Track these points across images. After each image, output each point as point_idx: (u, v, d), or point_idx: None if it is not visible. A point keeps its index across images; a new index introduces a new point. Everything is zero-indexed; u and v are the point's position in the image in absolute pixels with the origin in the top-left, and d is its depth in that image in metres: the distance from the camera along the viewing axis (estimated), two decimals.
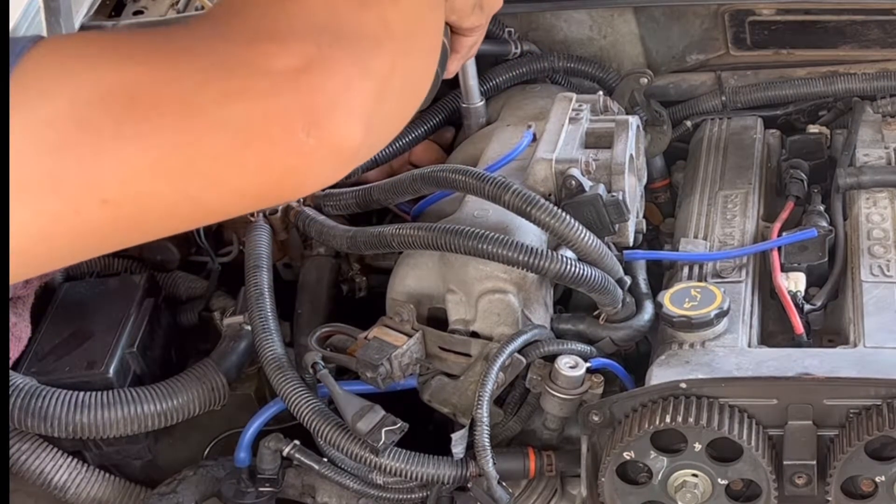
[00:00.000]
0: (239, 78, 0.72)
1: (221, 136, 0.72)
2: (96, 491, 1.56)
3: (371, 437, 1.36)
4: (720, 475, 1.32)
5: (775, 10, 1.91)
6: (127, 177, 0.70)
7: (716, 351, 1.39)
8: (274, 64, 0.73)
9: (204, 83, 0.71)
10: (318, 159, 0.75)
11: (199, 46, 0.73)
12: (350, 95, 0.76)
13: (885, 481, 1.29)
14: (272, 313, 1.54)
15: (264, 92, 0.72)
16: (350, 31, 0.78)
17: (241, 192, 0.76)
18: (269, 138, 0.73)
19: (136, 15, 2.04)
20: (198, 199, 0.75)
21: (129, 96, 0.70)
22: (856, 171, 1.67)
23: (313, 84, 0.73)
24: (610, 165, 1.53)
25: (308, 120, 0.73)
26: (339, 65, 0.75)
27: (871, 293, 1.45)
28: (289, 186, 0.77)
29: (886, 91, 1.86)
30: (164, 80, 0.71)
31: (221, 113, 0.71)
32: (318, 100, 0.74)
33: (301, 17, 0.77)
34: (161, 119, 0.70)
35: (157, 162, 0.70)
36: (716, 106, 1.95)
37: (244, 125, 0.72)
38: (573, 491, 1.49)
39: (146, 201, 0.72)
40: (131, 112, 0.69)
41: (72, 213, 0.70)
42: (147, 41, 0.74)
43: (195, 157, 0.72)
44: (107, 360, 1.54)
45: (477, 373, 1.44)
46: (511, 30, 1.97)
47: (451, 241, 1.41)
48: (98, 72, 0.70)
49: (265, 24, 0.75)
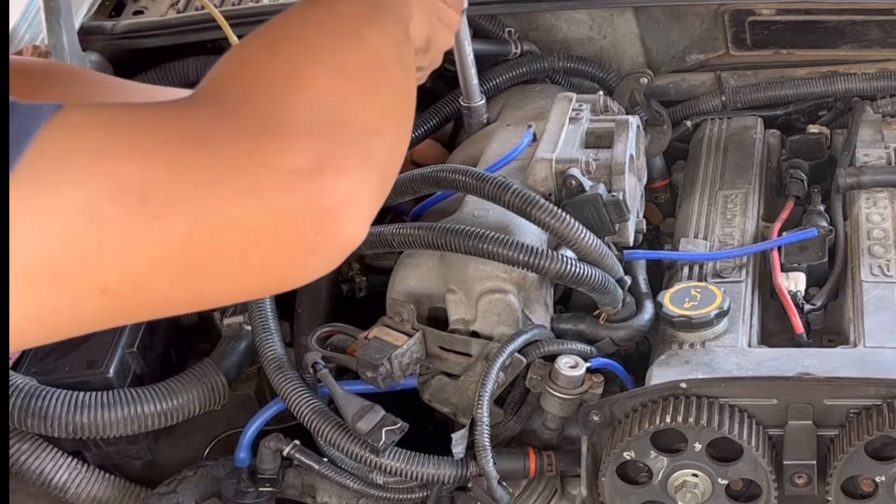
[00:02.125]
0: (250, 176, 0.70)
1: (228, 235, 0.70)
2: (96, 491, 1.56)
3: (371, 437, 1.36)
4: (720, 475, 1.32)
5: (775, 10, 1.91)
6: (130, 271, 0.69)
7: (716, 351, 1.39)
8: (286, 162, 0.71)
9: (216, 181, 0.70)
10: (322, 255, 0.75)
11: (211, 139, 0.71)
12: (359, 194, 0.75)
13: (885, 481, 1.28)
14: (272, 313, 1.54)
15: (275, 191, 0.71)
16: (356, 123, 0.77)
17: (242, 286, 0.75)
18: (277, 237, 0.72)
19: (136, 15, 2.04)
20: (198, 292, 0.74)
21: (141, 192, 0.68)
22: (856, 171, 1.67)
23: (325, 185, 0.72)
24: (610, 165, 1.53)
25: (317, 220, 0.72)
26: (348, 162, 0.74)
27: (871, 293, 1.45)
28: (289, 280, 0.76)
29: (886, 91, 1.86)
30: (176, 177, 0.69)
31: (231, 212, 0.70)
32: (329, 200, 0.72)
33: (310, 107, 0.75)
34: (171, 217, 0.69)
35: (162, 258, 0.69)
36: (716, 106, 1.95)
37: (253, 224, 0.71)
38: (573, 491, 1.49)
39: (147, 293, 0.71)
40: (141, 208, 0.68)
41: (70, 302, 0.69)
42: (161, 129, 0.72)
43: (201, 255, 0.71)
44: (107, 360, 1.54)
45: (477, 373, 1.44)
46: (511, 30, 1.97)
47: (451, 241, 1.41)
48: (112, 164, 0.68)
49: (275, 115, 0.74)
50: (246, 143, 0.72)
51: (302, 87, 0.76)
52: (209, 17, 1.84)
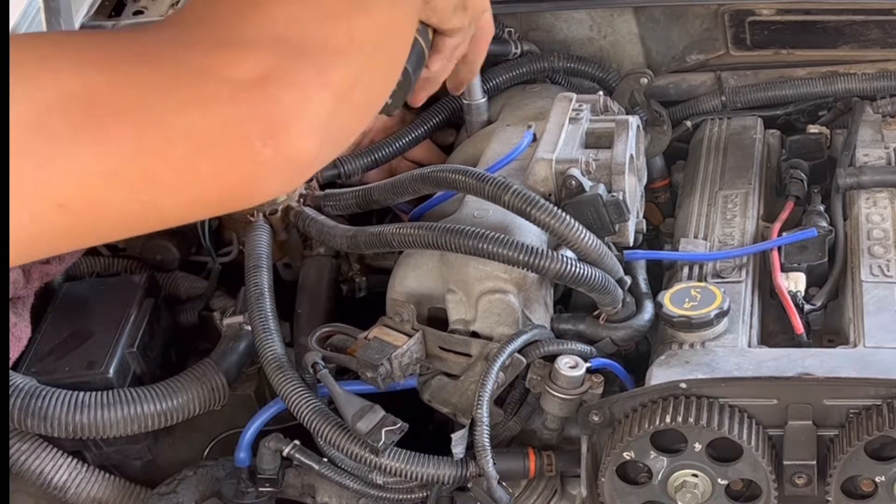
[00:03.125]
0: (198, 86, 0.72)
1: (178, 145, 0.71)
2: (96, 491, 1.56)
3: (371, 437, 1.36)
4: (720, 475, 1.32)
5: (775, 10, 1.91)
6: (83, 183, 0.70)
7: (716, 351, 1.39)
8: (233, 72, 0.72)
9: (163, 91, 0.71)
10: (273, 169, 0.75)
11: (160, 53, 0.73)
12: (308, 108, 0.76)
13: (885, 481, 1.28)
14: (272, 313, 1.54)
15: (222, 100, 0.72)
16: (314, 43, 0.78)
17: (196, 199, 0.76)
18: (225, 147, 0.73)
19: (136, 15, 2.04)
20: (153, 205, 0.74)
21: (88, 103, 0.69)
22: (856, 171, 1.67)
23: (271, 95, 0.73)
24: (610, 165, 1.53)
25: (264, 130, 0.73)
26: (298, 76, 0.75)
27: (871, 293, 1.45)
28: (244, 195, 0.77)
29: (886, 91, 1.86)
30: (123, 88, 0.70)
31: (179, 121, 0.71)
32: (276, 111, 0.73)
33: (264, 25, 0.76)
34: (119, 127, 0.70)
35: (113, 169, 0.70)
36: (716, 106, 1.95)
37: (201, 134, 0.72)
38: (573, 491, 1.49)
39: (102, 207, 0.72)
40: (89, 119, 0.69)
41: (28, 218, 0.69)
42: (109, 46, 0.73)
43: (152, 166, 0.71)
44: (107, 360, 1.54)
45: (477, 373, 1.44)
46: (511, 30, 1.97)
47: (451, 241, 1.41)
48: (58, 77, 0.69)
49: (227, 31, 0.75)
50: (195, 57, 0.73)
51: (258, 6, 0.77)
52: None
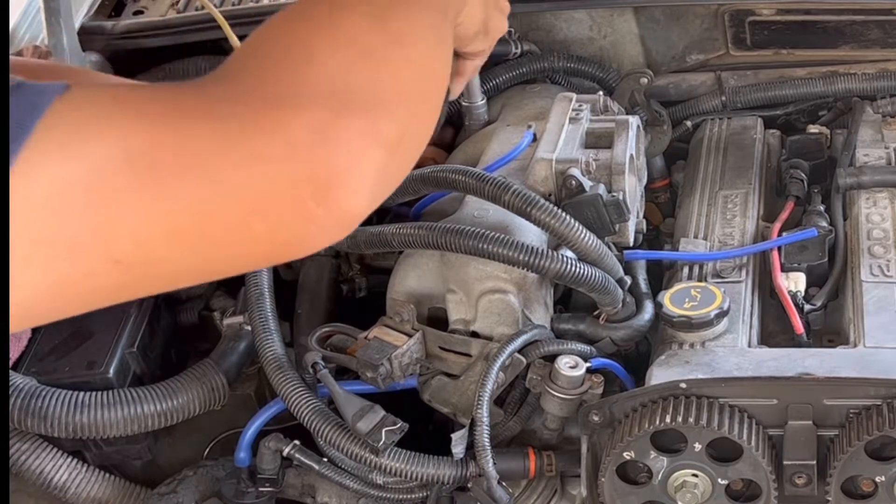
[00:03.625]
0: (255, 145, 0.72)
1: (235, 204, 0.72)
2: (96, 491, 1.56)
3: (371, 437, 1.36)
4: (720, 475, 1.32)
5: (775, 10, 1.91)
6: (141, 240, 0.70)
7: (716, 351, 1.39)
8: (288, 132, 0.73)
9: (221, 150, 0.71)
10: (324, 227, 0.76)
11: (217, 109, 0.73)
12: (361, 166, 0.76)
13: (885, 481, 1.28)
14: (272, 313, 1.54)
15: (278, 160, 0.72)
16: (363, 97, 0.78)
17: (247, 254, 0.77)
18: (280, 207, 0.73)
19: (136, 15, 2.04)
20: (205, 261, 0.75)
21: (149, 161, 0.69)
22: (856, 171, 1.67)
23: (327, 154, 0.73)
24: (610, 165, 1.53)
25: (318, 190, 0.74)
26: (352, 133, 0.75)
27: (871, 293, 1.45)
28: (293, 251, 0.78)
29: (886, 91, 1.86)
30: (184, 145, 0.71)
31: (237, 180, 0.71)
32: (330, 170, 0.74)
33: (316, 80, 0.76)
34: (180, 186, 0.70)
35: (172, 228, 0.71)
36: (716, 106, 1.95)
37: (257, 193, 0.72)
38: (573, 491, 1.49)
39: (157, 263, 0.72)
40: (152, 176, 0.69)
41: (83, 274, 0.70)
42: (169, 101, 0.73)
43: (208, 224, 0.72)
44: (107, 360, 1.54)
45: (477, 373, 1.44)
46: (511, 30, 1.96)
47: (451, 241, 1.41)
48: (122, 133, 0.69)
49: (279, 87, 0.75)
50: (250, 114, 0.73)
51: (310, 61, 0.78)
52: (209, 17, 1.84)
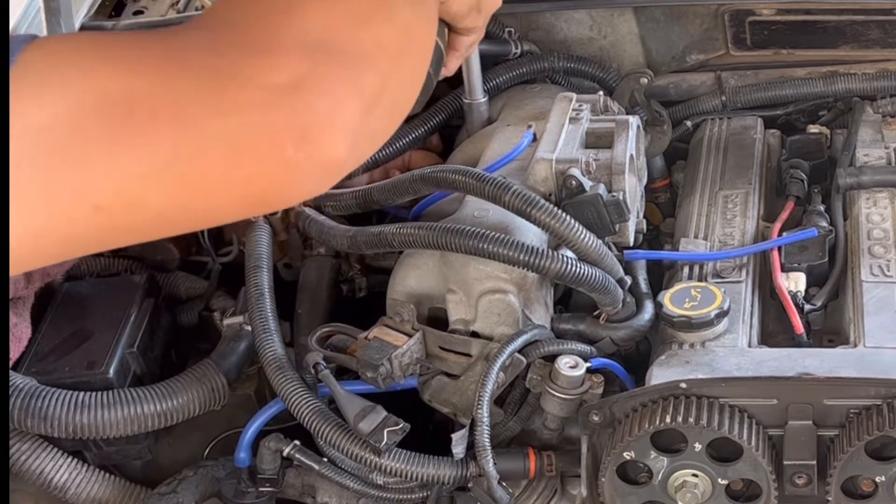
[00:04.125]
0: (233, 91, 0.72)
1: (213, 150, 0.72)
2: (96, 491, 1.56)
3: (373, 438, 1.36)
4: (720, 475, 1.32)
5: (775, 10, 1.91)
6: (120, 186, 0.70)
7: (716, 351, 1.39)
8: (267, 78, 0.73)
9: (199, 95, 0.71)
10: (305, 173, 0.76)
11: (195, 57, 0.74)
12: (339, 114, 0.76)
13: (885, 481, 1.29)
14: (272, 313, 1.54)
15: (256, 106, 0.73)
16: (344, 48, 0.78)
17: (228, 202, 0.77)
18: (258, 152, 0.73)
19: (136, 15, 2.04)
20: (188, 207, 0.75)
21: (126, 106, 0.69)
22: (856, 171, 1.67)
23: (304, 101, 0.74)
24: (610, 165, 1.53)
25: (297, 136, 0.74)
26: (330, 83, 0.76)
27: (872, 293, 1.45)
28: (274, 198, 0.78)
29: (886, 91, 1.86)
30: (160, 91, 0.71)
31: (215, 125, 0.72)
32: (308, 117, 0.74)
33: (296, 30, 0.77)
34: (156, 130, 0.70)
35: (150, 172, 0.71)
36: (716, 106, 1.95)
37: (235, 138, 0.72)
38: (573, 491, 1.49)
39: (138, 209, 0.73)
40: (127, 122, 0.69)
41: (64, 220, 0.70)
42: (144, 49, 0.74)
43: (187, 169, 0.72)
44: (107, 360, 1.54)
45: (477, 373, 1.44)
46: (511, 30, 1.97)
47: (451, 241, 1.41)
48: (95, 79, 0.70)
49: (260, 36, 0.76)
50: (229, 61, 0.73)
51: (290, 12, 0.78)
52: None
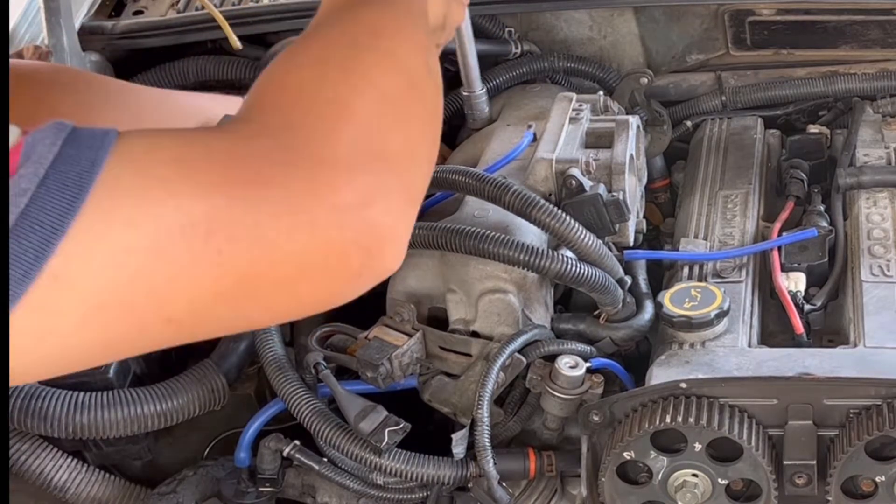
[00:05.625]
0: (305, 212, 0.73)
1: (284, 268, 0.74)
2: (96, 491, 1.56)
3: (374, 438, 1.36)
4: (720, 475, 1.32)
5: (775, 10, 1.91)
6: (194, 302, 0.72)
7: (716, 351, 1.39)
8: (338, 198, 0.74)
9: (274, 217, 0.72)
10: (364, 284, 0.79)
11: (268, 174, 0.74)
12: (401, 226, 0.79)
13: (885, 481, 1.29)
14: None
15: (329, 226, 0.74)
16: (397, 152, 0.80)
17: (285, 312, 0.80)
18: (327, 269, 0.75)
19: (136, 15, 2.04)
20: (251, 318, 0.78)
21: (206, 228, 0.70)
22: (856, 171, 1.67)
23: (372, 218, 0.76)
24: (610, 165, 1.53)
25: (363, 252, 0.76)
26: (392, 195, 0.77)
27: (872, 293, 1.45)
28: (327, 304, 0.80)
29: (886, 91, 1.86)
30: (238, 213, 0.72)
31: (288, 247, 0.73)
32: (376, 234, 0.76)
33: (357, 139, 0.78)
34: (233, 252, 0.71)
35: (223, 291, 0.72)
36: (716, 106, 1.95)
37: (307, 257, 0.74)
38: (573, 491, 1.49)
39: (206, 321, 0.75)
40: (207, 244, 0.70)
41: (137, 331, 0.72)
42: (221, 163, 0.74)
43: (258, 286, 0.74)
44: None
45: (477, 373, 1.44)
46: (511, 30, 1.97)
47: (451, 241, 1.41)
48: (179, 200, 0.70)
49: (325, 148, 0.76)
50: (300, 180, 0.74)
51: (349, 119, 0.79)
52: (209, 17, 1.84)
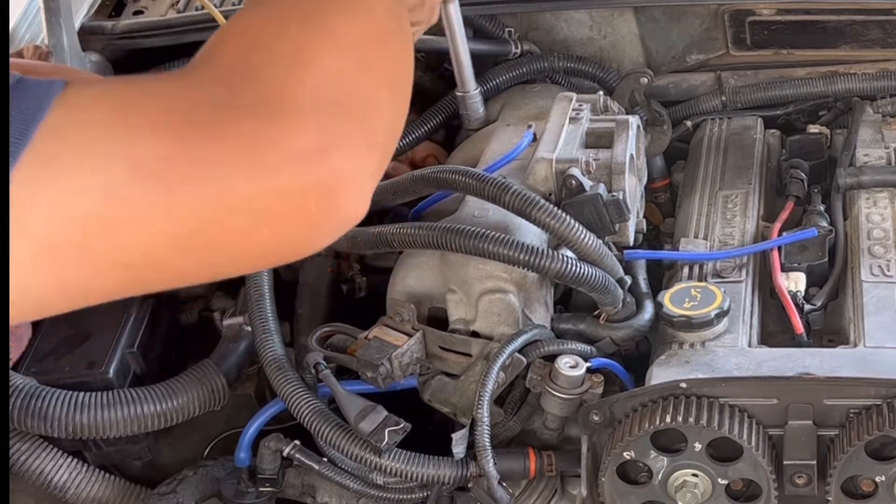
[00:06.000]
0: (260, 157, 0.73)
1: (241, 215, 0.73)
2: (96, 491, 1.56)
3: (374, 437, 1.36)
4: (720, 475, 1.32)
5: (775, 10, 1.91)
6: (150, 248, 0.71)
7: (716, 351, 1.39)
8: (293, 143, 0.73)
9: (230, 162, 0.72)
10: (327, 230, 0.77)
11: (222, 119, 0.73)
12: (361, 171, 0.77)
13: (885, 481, 1.29)
14: (272, 314, 1.54)
15: (284, 171, 0.73)
16: (358, 100, 0.79)
17: (247, 259, 0.79)
18: (285, 215, 0.74)
19: (136, 15, 2.04)
20: (211, 265, 0.77)
21: (158, 171, 0.70)
22: (856, 171, 1.67)
23: (329, 164, 0.75)
24: (610, 165, 1.53)
25: (322, 198, 0.75)
26: (351, 141, 0.76)
27: (872, 293, 1.45)
28: (290, 254, 0.79)
29: (886, 91, 1.86)
30: (191, 157, 0.71)
31: (243, 191, 0.72)
32: (333, 179, 0.75)
33: (313, 84, 0.77)
34: (188, 196, 0.71)
35: (180, 236, 0.72)
36: (716, 106, 1.95)
37: (263, 203, 0.73)
38: (573, 491, 1.49)
39: (164, 267, 0.74)
40: (159, 186, 0.70)
41: (90, 276, 0.71)
42: (172, 108, 0.74)
43: (214, 233, 0.73)
44: (107, 360, 1.54)
45: (477, 372, 1.44)
46: (511, 30, 1.97)
47: (451, 241, 1.41)
48: (128, 144, 0.70)
49: (281, 92, 0.76)
50: (254, 123, 0.74)
51: (307, 65, 0.78)
52: (209, 17, 1.84)
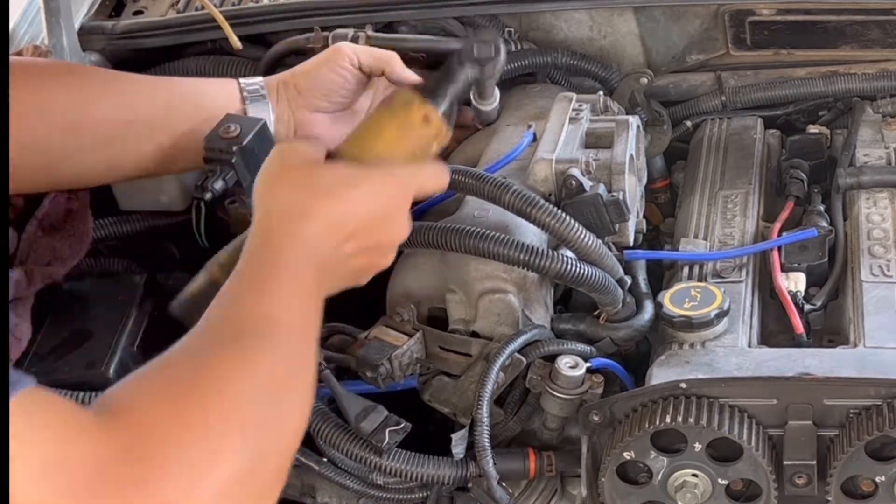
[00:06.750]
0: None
1: None
2: None
3: (375, 438, 1.36)
4: (720, 475, 1.32)
5: (775, 10, 1.91)
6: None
7: (716, 351, 1.39)
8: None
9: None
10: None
11: (107, 470, 0.84)
12: None
13: (885, 481, 1.29)
14: None
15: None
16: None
17: None
18: None
19: (136, 15, 2.04)
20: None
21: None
22: (856, 171, 1.67)
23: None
24: (610, 165, 1.53)
25: None
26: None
27: (872, 293, 1.45)
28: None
29: (886, 91, 1.86)
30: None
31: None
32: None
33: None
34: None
35: None
36: (716, 106, 1.95)
37: None
38: (573, 491, 1.49)
39: None
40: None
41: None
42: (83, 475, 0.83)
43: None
44: (107, 360, 1.54)
45: (477, 373, 1.44)
46: (511, 30, 1.96)
47: (451, 241, 1.41)
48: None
49: (172, 486, 0.86)
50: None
51: (207, 476, 0.88)
52: (209, 17, 1.84)
